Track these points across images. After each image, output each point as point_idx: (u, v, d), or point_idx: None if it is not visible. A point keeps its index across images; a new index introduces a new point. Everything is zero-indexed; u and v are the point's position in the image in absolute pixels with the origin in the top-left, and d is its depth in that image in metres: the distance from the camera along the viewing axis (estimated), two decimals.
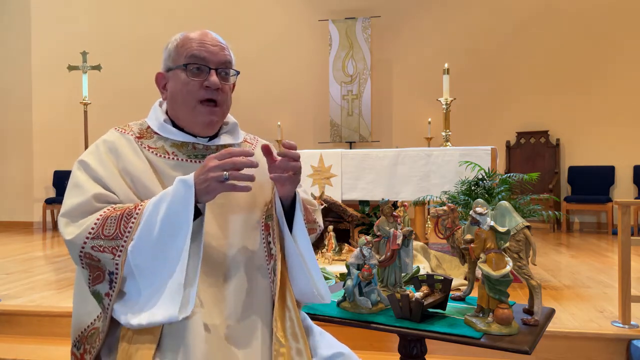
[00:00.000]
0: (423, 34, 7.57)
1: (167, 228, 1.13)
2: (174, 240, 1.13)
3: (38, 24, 8.24)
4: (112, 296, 1.16)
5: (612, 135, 6.87)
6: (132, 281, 1.16)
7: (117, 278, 1.15)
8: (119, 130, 1.35)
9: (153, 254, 1.14)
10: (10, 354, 2.75)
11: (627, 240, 2.61)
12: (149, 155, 1.30)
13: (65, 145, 7.90)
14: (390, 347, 2.58)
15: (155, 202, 1.16)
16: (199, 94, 1.29)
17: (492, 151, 4.07)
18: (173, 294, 1.11)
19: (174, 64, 1.32)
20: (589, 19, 6.98)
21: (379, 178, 4.29)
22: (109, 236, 1.15)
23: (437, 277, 1.47)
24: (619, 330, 2.56)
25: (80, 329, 1.22)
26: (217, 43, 1.34)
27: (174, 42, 1.34)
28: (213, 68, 1.30)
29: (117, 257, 1.14)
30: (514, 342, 1.26)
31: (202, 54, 1.30)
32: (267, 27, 7.87)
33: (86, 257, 1.17)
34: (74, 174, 1.26)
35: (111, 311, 1.16)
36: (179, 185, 1.14)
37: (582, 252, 5.09)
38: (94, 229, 1.16)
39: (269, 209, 1.33)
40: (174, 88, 1.32)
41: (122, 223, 1.15)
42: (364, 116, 7.59)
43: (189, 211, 1.13)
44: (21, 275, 4.11)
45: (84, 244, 1.16)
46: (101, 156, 1.27)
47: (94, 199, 1.20)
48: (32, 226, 8.13)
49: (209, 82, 1.28)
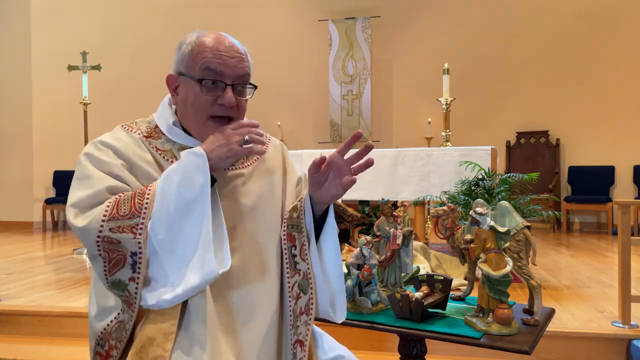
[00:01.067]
0: (423, 34, 7.57)
1: (186, 196, 1.10)
2: (193, 209, 1.11)
3: (38, 24, 8.24)
4: (138, 280, 1.10)
5: (612, 135, 6.87)
6: (156, 263, 1.11)
7: (141, 259, 1.09)
8: (126, 127, 1.29)
9: (175, 225, 1.10)
10: (10, 354, 2.75)
11: (627, 240, 2.61)
12: (157, 157, 1.25)
13: (65, 145, 7.90)
14: (390, 347, 2.58)
15: (166, 175, 1.14)
16: (211, 109, 1.22)
17: (492, 151, 4.07)
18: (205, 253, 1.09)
19: (187, 72, 1.23)
20: (589, 19, 6.97)
21: (379, 178, 4.29)
22: (125, 215, 1.10)
23: (437, 277, 1.47)
24: (619, 330, 2.56)
25: (101, 327, 1.17)
26: (236, 54, 1.24)
27: (189, 45, 1.24)
28: (229, 84, 1.22)
29: (139, 236, 1.09)
30: (514, 342, 1.26)
31: (218, 68, 1.21)
32: (267, 27, 7.87)
33: (105, 240, 1.10)
34: (82, 165, 1.20)
35: (139, 299, 1.10)
36: (190, 156, 1.13)
37: (582, 252, 5.09)
38: (107, 211, 1.10)
39: (293, 218, 1.26)
40: (186, 97, 1.24)
41: (137, 201, 1.11)
42: (364, 116, 7.59)
43: (206, 175, 1.11)
44: (21, 275, 4.11)
45: (101, 227, 1.09)
46: (106, 150, 1.23)
47: (107, 191, 1.15)
48: (32, 226, 8.12)
49: (224, 100, 1.21)
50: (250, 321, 1.20)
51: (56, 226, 7.99)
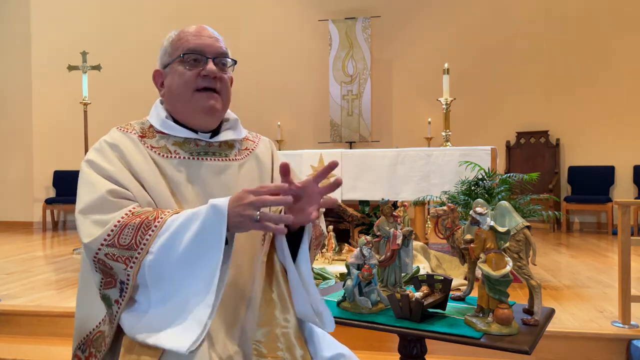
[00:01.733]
0: (423, 34, 7.57)
1: (195, 249, 1.08)
2: (199, 263, 1.08)
3: (38, 24, 8.24)
4: (121, 304, 1.14)
5: (612, 135, 6.87)
6: (144, 291, 1.14)
7: (127, 288, 1.12)
8: (121, 129, 1.32)
9: (173, 273, 1.10)
10: (10, 354, 2.75)
11: (627, 240, 2.61)
12: (153, 155, 1.28)
13: (65, 145, 7.89)
14: (390, 347, 2.57)
15: (185, 218, 1.11)
16: (196, 82, 1.29)
17: (492, 151, 4.07)
18: (191, 326, 1.06)
19: (171, 58, 1.32)
20: (589, 19, 6.98)
21: (379, 178, 4.29)
22: (124, 246, 1.11)
23: (437, 277, 1.47)
24: (619, 330, 2.56)
25: (86, 331, 1.20)
26: (212, 35, 1.34)
27: (170, 38, 1.35)
28: (210, 57, 1.30)
29: (130, 269, 1.11)
30: (514, 342, 1.26)
31: (199, 47, 1.30)
32: (267, 27, 7.87)
33: (99, 262, 1.15)
34: (84, 172, 1.23)
35: (118, 319, 1.14)
36: (211, 211, 1.09)
37: (582, 252, 5.09)
38: (110, 235, 1.13)
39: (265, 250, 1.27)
40: (171, 82, 1.31)
41: (140, 233, 1.11)
42: (364, 116, 7.59)
43: (220, 239, 1.07)
44: (21, 275, 4.11)
45: (98, 250, 1.13)
46: (107, 154, 1.25)
47: (109, 194, 1.17)
48: (32, 226, 8.12)
49: (207, 71, 1.28)
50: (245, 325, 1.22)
51: (56, 226, 7.99)
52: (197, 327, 1.06)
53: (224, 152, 1.36)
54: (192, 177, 1.29)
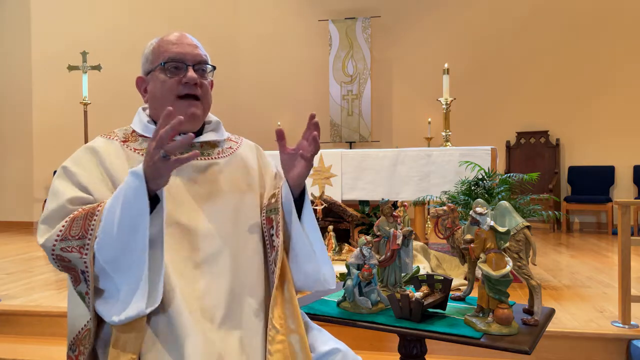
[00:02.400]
0: (423, 34, 7.56)
1: (126, 221, 1.11)
2: (135, 233, 1.12)
3: (38, 24, 8.24)
4: (89, 294, 1.17)
5: (612, 135, 6.87)
6: (107, 279, 1.17)
7: (89, 276, 1.16)
8: (105, 136, 1.38)
9: (118, 249, 1.13)
10: (10, 354, 2.75)
11: (627, 240, 2.61)
12: (135, 156, 1.32)
13: (65, 145, 7.85)
14: (390, 347, 2.57)
15: (113, 197, 1.16)
16: (177, 89, 1.33)
17: (492, 151, 4.07)
18: (142, 288, 1.12)
19: (152, 66, 1.37)
20: (589, 19, 6.97)
21: (379, 178, 4.28)
22: (75, 236, 1.16)
23: (437, 277, 1.47)
24: (619, 330, 2.56)
25: (75, 332, 1.23)
26: (191, 42, 1.38)
27: (150, 46, 1.40)
28: (190, 65, 1.34)
29: (85, 256, 1.15)
30: (514, 342, 1.26)
31: (178, 55, 1.34)
32: (267, 27, 7.87)
33: (58, 259, 1.19)
34: (53, 182, 1.29)
35: (93, 309, 1.18)
36: (130, 177, 1.12)
37: (582, 252, 5.09)
38: (62, 231, 1.18)
39: (272, 203, 1.36)
40: (154, 88, 1.37)
41: (86, 222, 1.16)
42: (364, 116, 7.59)
43: (144, 201, 1.10)
44: (21, 275, 4.11)
45: (53, 247, 1.18)
46: (81, 159, 1.30)
47: (68, 203, 1.22)
48: (32, 226, 8.11)
49: (187, 78, 1.32)
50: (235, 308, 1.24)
51: None
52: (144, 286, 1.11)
53: (206, 152, 1.40)
54: (177, 175, 1.30)
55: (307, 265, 1.32)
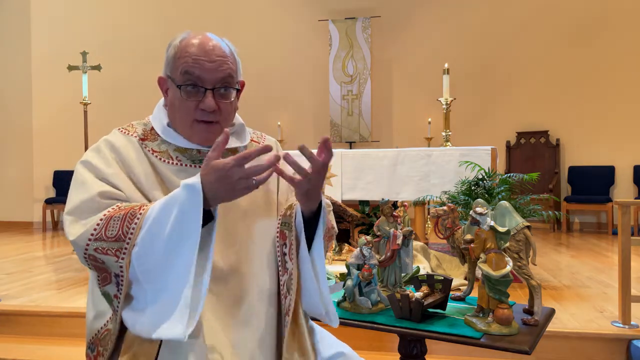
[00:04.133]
0: (423, 34, 7.57)
1: (175, 235, 1.07)
2: (181, 248, 1.07)
3: (38, 24, 8.24)
4: (120, 298, 1.13)
5: (612, 135, 6.87)
6: (138, 286, 1.13)
7: (122, 281, 1.11)
8: (122, 131, 1.30)
9: (159, 261, 1.09)
10: (10, 354, 2.75)
11: (627, 240, 2.61)
12: (153, 159, 1.26)
13: (65, 145, 7.89)
14: (390, 347, 2.57)
15: (160, 208, 1.10)
16: (195, 114, 1.23)
17: (492, 151, 4.07)
18: (181, 310, 1.05)
19: (172, 75, 1.25)
20: (589, 19, 6.97)
21: (379, 178, 4.29)
22: (112, 238, 1.10)
23: (437, 277, 1.47)
24: (619, 330, 2.56)
25: (94, 330, 1.20)
26: (216, 57, 1.22)
27: (173, 49, 1.26)
28: (209, 88, 1.21)
29: (121, 260, 1.10)
30: (514, 342, 1.26)
31: (196, 72, 1.20)
32: (267, 27, 7.87)
33: (90, 258, 1.14)
34: (78, 172, 1.22)
35: (120, 314, 1.13)
36: (186, 192, 1.07)
37: (582, 252, 5.09)
38: (96, 229, 1.12)
39: (287, 216, 1.27)
40: (173, 100, 1.26)
41: (125, 224, 1.10)
42: (364, 116, 7.59)
43: (198, 218, 1.06)
44: (21, 275, 4.11)
45: (87, 246, 1.12)
46: (105, 155, 1.23)
47: (99, 196, 1.16)
48: (32, 226, 8.12)
49: (204, 106, 1.21)
50: (246, 321, 1.21)
51: (56, 226, 7.99)
52: (185, 310, 1.05)
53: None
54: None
55: (312, 301, 1.24)
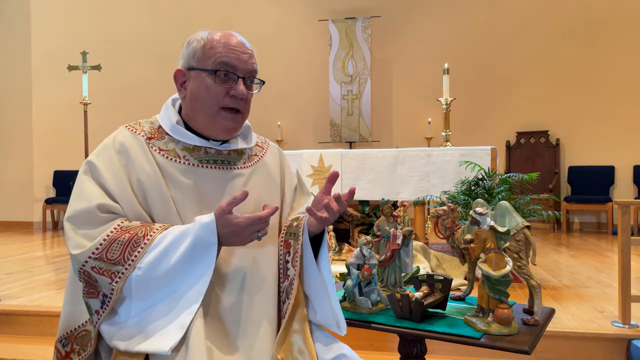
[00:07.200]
0: (423, 34, 7.56)
1: (185, 265, 1.13)
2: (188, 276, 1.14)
3: (38, 24, 8.24)
4: (101, 315, 1.15)
5: (612, 135, 6.87)
6: (125, 303, 1.15)
7: (109, 301, 1.14)
8: (130, 129, 1.31)
9: (160, 286, 1.14)
10: (10, 354, 2.75)
11: (627, 240, 2.61)
12: (159, 159, 1.26)
13: (65, 145, 7.89)
14: (390, 347, 2.57)
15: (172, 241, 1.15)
16: (223, 101, 1.26)
17: (492, 151, 4.07)
18: (173, 330, 1.11)
19: (199, 65, 1.27)
20: (589, 19, 6.97)
21: (379, 178, 4.28)
22: (112, 260, 1.13)
23: (437, 277, 1.47)
24: (619, 330, 2.56)
25: (71, 326, 1.21)
26: (246, 50, 1.30)
27: (201, 41, 1.27)
28: (241, 77, 1.28)
29: (115, 283, 1.12)
30: (514, 342, 1.26)
31: (232, 62, 1.26)
32: (267, 27, 7.87)
33: (84, 274, 1.15)
34: (81, 177, 1.23)
35: (98, 328, 1.16)
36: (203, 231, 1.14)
37: (582, 252, 5.09)
38: (98, 249, 1.14)
39: (292, 227, 1.31)
40: (196, 90, 1.27)
41: (128, 250, 1.13)
42: (364, 116, 7.59)
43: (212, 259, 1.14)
44: (21, 275, 4.11)
45: (85, 263, 1.14)
46: (111, 159, 1.24)
47: (98, 209, 1.18)
48: (32, 226, 8.12)
49: (236, 92, 1.26)
50: (245, 325, 1.22)
51: (56, 226, 7.99)
52: (179, 331, 1.11)
53: (232, 161, 1.35)
54: (199, 184, 1.28)
55: (323, 310, 1.28)
